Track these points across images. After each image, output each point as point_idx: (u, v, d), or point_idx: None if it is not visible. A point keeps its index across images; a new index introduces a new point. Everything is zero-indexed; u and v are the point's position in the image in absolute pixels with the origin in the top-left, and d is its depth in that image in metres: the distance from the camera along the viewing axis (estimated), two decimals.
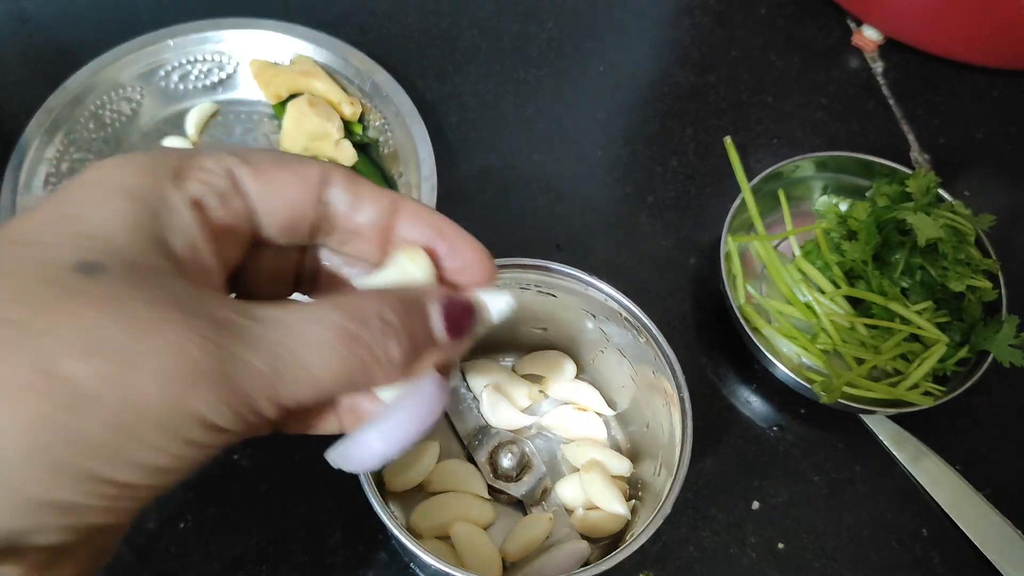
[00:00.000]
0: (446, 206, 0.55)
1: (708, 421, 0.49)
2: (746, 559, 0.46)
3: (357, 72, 0.56)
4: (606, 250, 0.55)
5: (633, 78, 0.62)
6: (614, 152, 0.59)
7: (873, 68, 0.63)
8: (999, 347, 0.46)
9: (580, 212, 0.56)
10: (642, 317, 0.40)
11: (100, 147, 0.54)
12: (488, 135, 0.58)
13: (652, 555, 0.45)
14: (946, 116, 0.61)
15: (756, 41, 0.64)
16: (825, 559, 0.46)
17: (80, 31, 0.60)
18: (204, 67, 0.57)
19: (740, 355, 0.51)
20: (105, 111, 0.55)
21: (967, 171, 0.59)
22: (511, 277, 0.42)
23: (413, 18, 0.63)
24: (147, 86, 0.56)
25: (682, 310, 0.53)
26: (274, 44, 0.56)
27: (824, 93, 0.62)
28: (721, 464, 0.48)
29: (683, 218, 0.56)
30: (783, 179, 0.53)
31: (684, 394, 0.38)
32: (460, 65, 0.61)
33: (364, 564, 0.44)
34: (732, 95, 0.61)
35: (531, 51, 0.62)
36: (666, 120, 0.60)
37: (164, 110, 0.57)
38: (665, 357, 0.39)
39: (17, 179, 0.50)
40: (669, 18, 0.65)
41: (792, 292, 0.49)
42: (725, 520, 0.47)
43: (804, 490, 0.48)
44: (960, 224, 0.49)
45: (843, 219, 0.51)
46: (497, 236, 0.54)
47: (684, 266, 0.54)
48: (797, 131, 0.60)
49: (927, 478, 0.48)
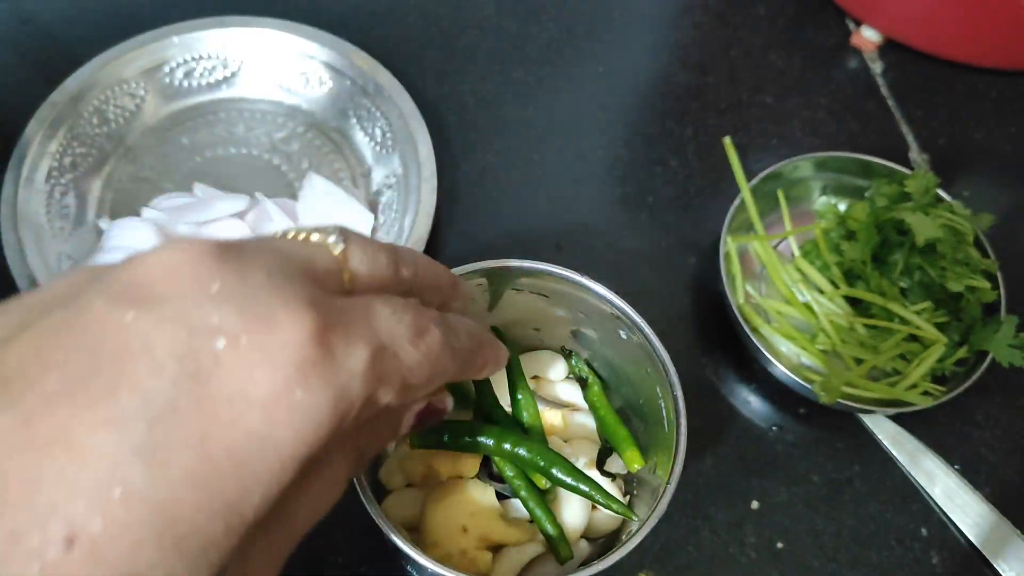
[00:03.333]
0: (446, 206, 0.55)
1: (707, 421, 0.49)
2: (745, 559, 0.46)
3: (360, 72, 0.56)
4: (606, 250, 0.55)
5: (633, 78, 0.62)
6: (614, 152, 0.59)
7: (872, 68, 0.64)
8: (998, 347, 0.46)
9: (580, 212, 0.56)
10: (634, 316, 0.40)
11: (103, 143, 0.55)
12: (488, 135, 0.59)
13: (651, 555, 0.45)
14: (945, 116, 0.62)
15: (756, 41, 0.64)
16: (824, 559, 0.46)
17: (81, 31, 0.60)
18: (208, 64, 0.57)
19: (739, 355, 0.51)
20: (108, 107, 0.55)
21: (966, 171, 0.59)
22: (502, 279, 0.42)
23: (413, 18, 0.63)
24: (151, 82, 0.56)
25: (681, 310, 0.53)
26: (278, 43, 0.57)
27: (823, 93, 0.62)
28: (720, 464, 0.48)
29: (682, 218, 0.56)
30: (782, 179, 0.53)
31: (678, 392, 0.38)
32: (460, 65, 0.61)
33: (364, 562, 0.44)
34: (732, 95, 0.61)
35: (531, 51, 0.62)
36: (666, 120, 0.60)
37: (168, 106, 0.57)
38: (659, 356, 0.39)
39: (19, 173, 0.51)
40: (669, 18, 0.65)
41: (791, 292, 0.49)
42: (724, 520, 0.47)
43: (803, 490, 0.48)
44: (959, 224, 0.49)
45: (842, 219, 0.51)
46: (497, 236, 0.55)
47: (683, 266, 0.54)
48: (796, 131, 0.60)
49: (926, 478, 0.48)
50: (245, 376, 0.20)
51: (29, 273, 0.48)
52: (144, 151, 0.56)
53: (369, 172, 0.56)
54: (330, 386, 0.22)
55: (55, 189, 0.52)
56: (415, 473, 0.42)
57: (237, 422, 0.20)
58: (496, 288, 0.43)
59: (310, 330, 0.21)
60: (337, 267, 0.25)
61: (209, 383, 0.20)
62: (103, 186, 0.54)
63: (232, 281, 0.21)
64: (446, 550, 0.39)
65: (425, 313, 0.26)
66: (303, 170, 0.55)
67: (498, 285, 0.43)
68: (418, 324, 0.25)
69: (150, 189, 0.54)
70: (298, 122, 0.57)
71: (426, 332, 0.25)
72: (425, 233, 0.50)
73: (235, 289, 0.21)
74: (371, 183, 0.55)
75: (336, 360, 0.22)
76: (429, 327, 0.26)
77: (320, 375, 0.21)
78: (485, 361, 0.30)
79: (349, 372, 0.22)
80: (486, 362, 0.31)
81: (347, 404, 0.22)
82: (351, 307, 0.24)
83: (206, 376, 0.20)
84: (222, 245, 0.22)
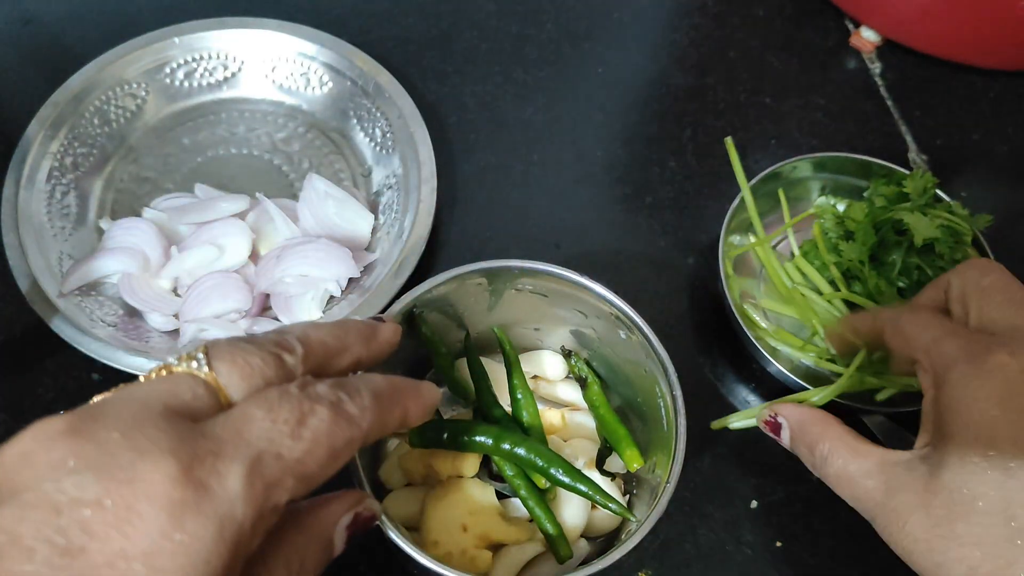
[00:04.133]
0: (446, 206, 0.56)
1: (706, 420, 0.49)
2: (743, 557, 0.46)
3: (361, 73, 0.56)
4: (605, 250, 0.55)
5: (632, 79, 0.62)
6: (613, 153, 0.59)
7: (871, 69, 0.64)
8: None
9: (579, 212, 0.56)
10: (634, 316, 0.40)
11: (104, 143, 0.55)
12: (488, 135, 0.59)
13: (650, 553, 0.45)
14: (943, 117, 0.62)
15: (754, 42, 0.64)
16: (822, 557, 0.46)
17: (83, 32, 0.60)
18: (209, 65, 0.57)
19: (738, 354, 0.51)
20: (110, 107, 0.55)
21: (964, 172, 0.59)
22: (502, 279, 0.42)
23: (413, 19, 0.63)
24: (152, 83, 0.56)
25: (680, 310, 0.53)
26: (279, 43, 0.57)
27: (822, 94, 0.62)
28: (719, 463, 0.48)
29: (681, 218, 0.56)
30: (781, 180, 0.53)
31: (676, 392, 0.39)
32: (460, 66, 0.62)
33: (364, 561, 0.44)
34: (730, 96, 0.62)
35: (530, 52, 0.63)
36: (665, 121, 0.60)
37: (169, 107, 0.57)
38: (657, 356, 0.39)
39: (21, 173, 0.51)
40: (668, 19, 0.65)
41: (789, 294, 0.50)
42: (723, 518, 0.47)
43: (802, 489, 0.48)
44: (957, 224, 0.49)
45: (840, 219, 0.51)
46: (496, 236, 0.55)
47: (682, 266, 0.55)
48: (795, 132, 0.60)
49: None
50: (119, 536, 0.21)
51: (30, 273, 0.48)
52: (145, 151, 0.56)
53: (369, 172, 0.56)
54: (209, 518, 0.22)
55: (56, 189, 0.52)
56: (415, 472, 0.42)
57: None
58: (496, 288, 0.43)
59: (172, 473, 0.22)
60: (207, 389, 0.26)
61: (85, 554, 0.21)
62: (104, 186, 0.54)
63: (87, 451, 0.22)
64: (446, 549, 0.39)
65: (309, 394, 0.26)
66: (304, 170, 0.56)
67: (498, 285, 0.43)
68: (299, 412, 0.25)
69: (151, 189, 0.55)
70: (299, 122, 0.57)
71: (310, 415, 0.26)
72: (425, 233, 0.50)
73: (91, 457, 0.22)
74: (371, 183, 0.56)
75: (209, 491, 0.22)
76: (313, 409, 0.26)
77: (195, 512, 0.22)
78: (404, 412, 0.30)
79: (226, 497, 0.23)
80: (405, 413, 0.30)
81: (235, 527, 0.23)
82: (222, 428, 0.24)
83: (79, 548, 0.21)
84: (74, 418, 0.23)
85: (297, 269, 0.49)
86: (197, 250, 0.49)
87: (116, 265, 0.49)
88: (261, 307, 0.50)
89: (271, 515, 0.24)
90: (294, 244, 0.49)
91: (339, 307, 0.49)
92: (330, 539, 0.29)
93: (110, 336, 0.46)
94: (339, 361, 0.30)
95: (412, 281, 0.47)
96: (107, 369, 0.46)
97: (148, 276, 0.49)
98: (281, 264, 0.49)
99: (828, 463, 0.39)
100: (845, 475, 0.38)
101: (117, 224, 0.51)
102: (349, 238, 0.51)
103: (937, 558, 0.33)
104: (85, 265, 0.49)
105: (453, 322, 0.44)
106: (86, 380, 0.48)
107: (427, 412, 0.32)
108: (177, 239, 0.51)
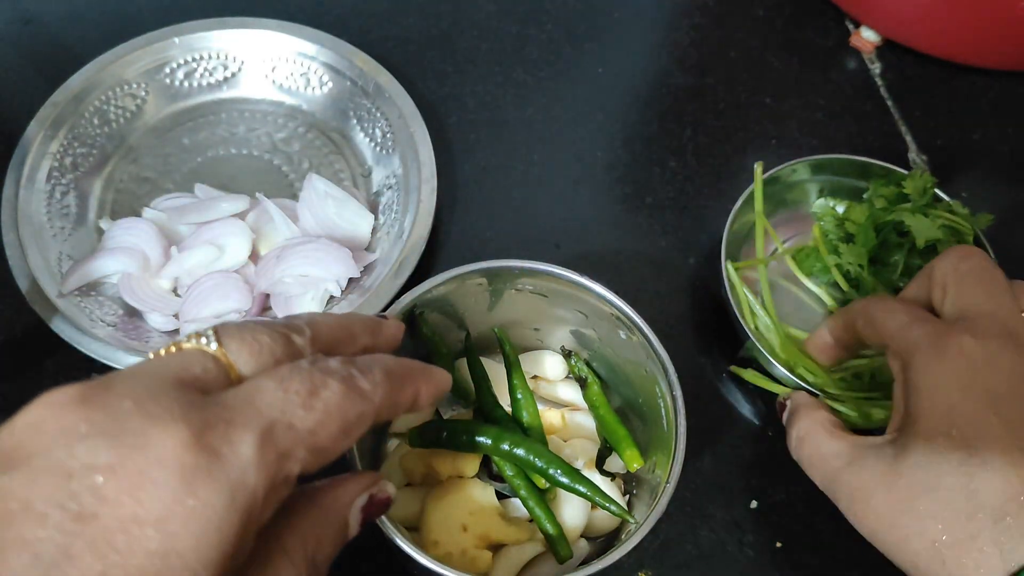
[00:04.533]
0: (446, 206, 0.56)
1: (707, 420, 0.49)
2: (744, 558, 0.46)
3: (361, 73, 0.56)
4: (605, 250, 0.55)
5: (632, 79, 0.62)
6: (613, 153, 0.59)
7: (871, 69, 0.64)
8: None
9: (579, 212, 0.56)
10: (634, 316, 0.40)
11: (104, 143, 0.55)
12: (488, 135, 0.59)
13: (650, 553, 0.45)
14: (944, 117, 0.62)
15: (754, 42, 0.64)
16: (823, 558, 0.46)
17: (82, 32, 0.60)
18: (209, 65, 0.57)
19: (738, 354, 0.51)
20: (109, 107, 0.55)
21: (965, 172, 0.59)
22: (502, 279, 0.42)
23: (413, 19, 0.63)
24: (152, 83, 0.56)
25: (681, 310, 0.53)
26: (279, 43, 0.57)
27: (822, 94, 0.62)
28: (719, 463, 0.48)
29: (682, 218, 0.56)
30: (780, 182, 0.53)
31: (677, 392, 0.39)
32: (460, 66, 0.62)
33: (364, 560, 0.44)
34: (730, 96, 0.62)
35: (530, 52, 0.63)
36: (665, 121, 0.60)
37: (168, 107, 0.57)
38: (658, 356, 0.39)
39: (21, 173, 0.51)
40: (668, 19, 0.65)
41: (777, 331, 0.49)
42: (723, 519, 0.47)
43: (802, 489, 0.48)
44: (958, 224, 0.49)
45: (840, 222, 0.51)
46: (496, 236, 0.55)
47: (683, 266, 0.55)
48: (795, 132, 0.60)
49: None
50: (132, 501, 0.21)
51: (29, 273, 0.48)
52: (145, 151, 0.56)
53: (369, 172, 0.56)
54: (221, 484, 0.22)
55: (56, 189, 0.52)
56: (415, 472, 0.42)
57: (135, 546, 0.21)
58: (496, 288, 0.43)
59: (184, 439, 0.22)
60: (217, 365, 0.26)
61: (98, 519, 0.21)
62: (104, 186, 0.54)
63: (99, 418, 0.22)
64: (446, 549, 0.39)
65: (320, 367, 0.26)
66: (304, 170, 0.55)
67: (498, 285, 0.43)
68: (311, 383, 0.25)
69: (151, 189, 0.54)
70: (299, 123, 0.57)
71: (322, 388, 0.25)
72: (425, 233, 0.50)
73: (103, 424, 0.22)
74: (371, 183, 0.56)
75: (221, 457, 0.22)
76: (325, 382, 0.26)
77: (207, 478, 0.22)
78: (415, 392, 0.30)
79: (239, 464, 0.23)
80: (416, 393, 0.30)
81: (247, 494, 0.23)
82: (233, 397, 0.24)
83: (92, 513, 0.21)
84: (86, 388, 0.23)
85: (297, 269, 0.49)
86: (197, 250, 0.49)
87: (116, 265, 0.49)
88: (261, 307, 0.50)
89: (283, 486, 0.24)
90: (294, 244, 0.49)
91: (339, 307, 0.49)
92: (345, 519, 0.29)
93: (110, 336, 0.46)
94: (346, 349, 0.30)
95: (412, 281, 0.47)
96: (107, 369, 0.46)
97: (148, 276, 0.49)
98: (281, 264, 0.49)
99: (804, 443, 0.40)
100: (817, 455, 0.39)
101: (117, 224, 0.51)
102: (349, 238, 0.51)
103: (900, 532, 0.34)
104: (85, 265, 0.49)
105: (453, 322, 0.44)
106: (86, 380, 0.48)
107: (439, 394, 0.31)
108: (177, 239, 0.51)
